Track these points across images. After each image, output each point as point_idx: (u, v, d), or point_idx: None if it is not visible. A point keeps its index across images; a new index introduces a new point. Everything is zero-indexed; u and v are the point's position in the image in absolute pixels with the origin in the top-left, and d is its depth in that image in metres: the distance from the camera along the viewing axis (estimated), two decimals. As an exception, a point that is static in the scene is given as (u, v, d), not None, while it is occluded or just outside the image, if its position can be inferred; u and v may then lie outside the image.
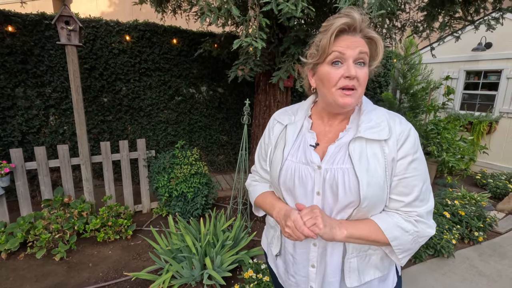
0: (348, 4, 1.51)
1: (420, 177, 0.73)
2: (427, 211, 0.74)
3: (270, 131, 0.93)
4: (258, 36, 1.83)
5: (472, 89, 5.29)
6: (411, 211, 0.74)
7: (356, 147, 0.74)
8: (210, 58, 3.96)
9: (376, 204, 0.74)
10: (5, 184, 2.43)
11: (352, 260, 0.80)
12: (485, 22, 2.77)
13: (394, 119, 0.76)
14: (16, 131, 3.33)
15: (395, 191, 0.74)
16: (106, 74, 3.67)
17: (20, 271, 2.20)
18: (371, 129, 0.74)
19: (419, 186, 0.73)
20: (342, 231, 0.72)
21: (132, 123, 3.99)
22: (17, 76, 3.25)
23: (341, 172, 0.74)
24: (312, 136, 0.84)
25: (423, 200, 0.74)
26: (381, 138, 0.73)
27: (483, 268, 2.41)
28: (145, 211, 3.23)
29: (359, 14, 0.71)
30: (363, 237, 0.73)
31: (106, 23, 3.55)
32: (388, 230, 0.72)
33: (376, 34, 0.74)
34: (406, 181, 0.73)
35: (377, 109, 0.80)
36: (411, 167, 0.72)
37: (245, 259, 2.13)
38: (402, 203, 0.74)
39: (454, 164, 3.47)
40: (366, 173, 0.72)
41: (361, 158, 0.73)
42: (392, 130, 0.74)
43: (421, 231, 0.73)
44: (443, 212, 2.93)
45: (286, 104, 2.94)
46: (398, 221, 0.73)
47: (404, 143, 0.73)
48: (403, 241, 0.73)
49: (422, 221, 0.73)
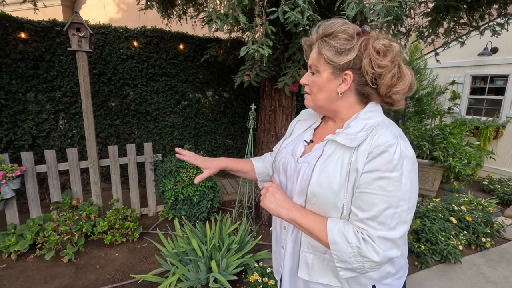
0: (355, 11, 1.54)
1: (385, 198, 0.67)
2: (381, 236, 0.67)
3: (291, 124, 1.06)
4: (265, 43, 1.87)
5: (478, 94, 5.26)
6: (362, 228, 0.69)
7: (330, 149, 0.77)
8: (216, 63, 4.01)
9: (326, 206, 0.75)
10: (15, 186, 2.48)
11: (308, 255, 0.83)
12: (490, 28, 2.77)
13: (377, 131, 0.71)
14: (27, 134, 3.41)
15: (354, 203, 0.72)
16: (114, 79, 3.75)
17: (29, 272, 2.24)
18: (348, 135, 0.74)
19: (379, 207, 0.67)
20: (287, 213, 0.78)
21: (139, 127, 4.05)
22: (29, 81, 3.33)
23: (306, 166, 0.80)
24: (310, 134, 0.92)
25: (383, 224, 0.67)
26: (351, 145, 0.72)
27: (490, 274, 2.38)
28: (151, 214, 3.26)
29: (316, 32, 0.79)
30: (306, 227, 0.76)
31: (115, 30, 3.63)
32: (331, 231, 0.71)
33: (323, 49, 0.76)
34: (365, 196, 0.69)
35: (373, 118, 0.75)
36: (376, 184, 0.67)
37: (251, 262, 2.14)
38: (356, 217, 0.71)
39: (461, 169, 3.44)
40: (322, 172, 0.74)
41: (328, 159, 0.75)
42: (367, 140, 0.70)
43: (364, 250, 0.67)
44: (449, 217, 2.91)
45: (291, 108, 2.97)
46: (346, 230, 0.70)
47: (376, 157, 0.68)
48: (341, 249, 0.70)
49: (369, 243, 0.67)
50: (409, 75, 0.75)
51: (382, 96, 0.78)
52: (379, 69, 0.72)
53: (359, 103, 0.80)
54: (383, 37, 0.73)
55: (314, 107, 0.85)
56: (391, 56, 0.72)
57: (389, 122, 0.76)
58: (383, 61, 0.71)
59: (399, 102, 0.79)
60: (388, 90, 0.75)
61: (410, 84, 0.75)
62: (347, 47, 0.73)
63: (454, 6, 2.40)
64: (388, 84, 0.74)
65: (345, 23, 0.74)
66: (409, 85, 0.75)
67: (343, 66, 0.74)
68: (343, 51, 0.73)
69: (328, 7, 2.53)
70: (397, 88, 0.74)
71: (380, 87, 0.75)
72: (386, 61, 0.72)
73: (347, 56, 0.73)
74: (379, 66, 0.72)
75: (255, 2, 1.83)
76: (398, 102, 0.79)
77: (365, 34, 0.75)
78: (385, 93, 0.76)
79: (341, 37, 0.73)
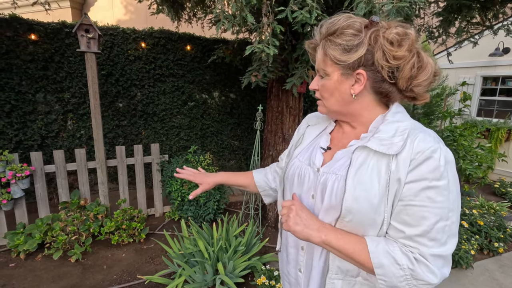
0: (364, 11, 1.51)
1: (436, 210, 0.60)
2: (435, 254, 0.60)
3: (297, 130, 0.95)
4: (271, 42, 1.85)
5: (489, 95, 5.15)
6: (412, 247, 0.61)
7: (360, 157, 0.67)
8: (223, 64, 4.00)
9: (362, 223, 0.65)
10: (25, 186, 2.51)
11: (336, 281, 0.72)
12: (504, 27, 2.70)
13: (416, 135, 0.64)
14: (36, 135, 3.45)
15: (397, 218, 0.63)
16: (122, 80, 3.77)
17: (37, 272, 2.26)
18: (382, 140, 0.65)
19: (430, 221, 0.60)
20: (319, 234, 0.66)
21: (146, 128, 4.07)
22: (38, 82, 3.38)
23: (334, 177, 0.70)
24: (327, 140, 0.82)
25: (435, 240, 0.60)
26: (388, 153, 0.63)
27: (504, 280, 2.31)
28: (158, 215, 3.27)
29: (319, 32, 0.72)
30: (343, 250, 0.65)
31: (123, 31, 3.65)
32: (375, 253, 0.62)
33: (328, 49, 0.69)
34: (412, 210, 0.61)
35: (403, 121, 0.68)
36: (424, 195, 0.60)
37: (258, 265, 2.12)
38: (402, 234, 0.62)
39: (471, 172, 3.36)
40: (357, 185, 0.64)
41: (360, 168, 0.66)
42: (407, 146, 0.63)
43: (418, 272, 0.59)
44: (460, 221, 2.84)
45: (299, 109, 2.94)
46: (393, 250, 0.62)
47: (420, 164, 0.61)
48: (390, 272, 0.61)
49: (423, 263, 0.60)
50: (431, 63, 0.66)
51: (403, 91, 0.69)
52: (395, 61, 0.64)
53: (378, 104, 0.72)
54: (396, 25, 0.65)
55: (328, 112, 0.78)
56: (408, 44, 0.64)
57: (420, 124, 0.70)
58: (398, 51, 0.63)
59: (423, 96, 0.70)
60: (409, 83, 0.67)
61: (434, 72, 0.66)
62: (355, 43, 0.65)
63: (467, 5, 2.35)
64: (408, 76, 0.65)
65: (349, 17, 0.67)
66: (433, 74, 0.67)
67: (353, 65, 0.67)
68: (351, 48, 0.65)
69: (337, 6, 2.50)
70: (418, 79, 0.66)
71: (399, 81, 0.67)
72: (402, 51, 0.63)
73: (356, 53, 0.65)
74: (394, 58, 0.64)
75: (262, 1, 1.82)
76: (422, 96, 0.70)
77: (374, 25, 0.66)
78: (405, 87, 0.67)
79: (347, 33, 0.66)
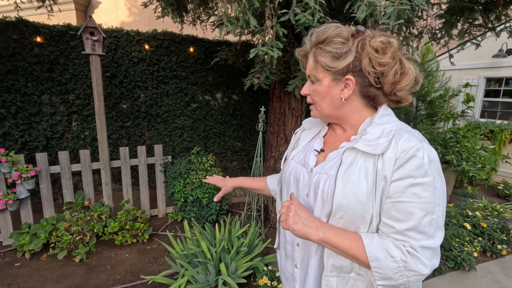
0: (365, 14, 1.53)
1: (422, 205, 0.64)
2: (424, 245, 0.65)
3: (294, 134, 1.01)
4: (275, 45, 1.87)
5: (492, 96, 5.13)
6: (403, 241, 0.66)
7: (349, 157, 0.72)
8: (226, 66, 4.03)
9: (353, 219, 0.70)
10: (30, 186, 2.54)
11: (331, 279, 0.76)
12: (507, 29, 2.70)
13: (400, 135, 0.68)
14: (41, 136, 3.49)
15: (387, 214, 0.67)
16: (125, 82, 3.81)
17: (42, 271, 2.28)
18: (369, 142, 0.70)
19: (417, 215, 0.64)
20: (317, 233, 0.70)
21: (149, 129, 4.10)
22: (44, 84, 3.42)
23: (325, 177, 0.75)
24: (320, 142, 0.87)
25: (423, 233, 0.65)
26: (374, 152, 0.68)
27: (507, 283, 2.30)
28: (161, 215, 3.29)
29: (309, 40, 0.77)
30: (341, 247, 0.68)
31: (127, 33, 3.69)
32: (370, 247, 0.66)
33: (319, 56, 0.74)
34: (400, 206, 0.65)
35: (390, 123, 0.72)
36: (410, 192, 0.65)
37: (260, 266, 2.13)
38: (393, 229, 0.67)
39: (475, 173, 3.35)
40: (346, 182, 0.69)
41: (349, 168, 0.71)
42: (392, 146, 0.67)
43: (411, 263, 0.64)
44: (463, 223, 2.83)
45: (301, 111, 2.95)
46: (386, 244, 0.66)
47: (405, 163, 0.65)
48: (384, 265, 0.65)
49: (414, 254, 0.64)
50: (413, 69, 0.72)
51: (388, 95, 0.74)
52: (381, 67, 0.70)
53: (366, 106, 0.77)
54: (380, 34, 0.71)
55: (321, 116, 0.83)
56: (391, 52, 0.70)
57: (406, 125, 0.74)
58: (383, 58, 0.69)
59: (406, 98, 0.76)
60: (393, 88, 0.72)
61: (415, 78, 0.72)
62: (343, 51, 0.71)
63: (469, 7, 2.35)
64: (391, 82, 0.71)
65: (337, 27, 0.73)
66: (414, 79, 0.72)
67: (342, 71, 0.72)
68: (340, 55, 0.71)
69: (339, 9, 2.51)
70: (401, 84, 0.72)
71: (384, 86, 0.72)
72: (386, 58, 0.69)
73: (345, 60, 0.71)
74: (380, 64, 0.69)
75: (265, 4, 1.84)
76: (405, 99, 0.76)
77: (360, 35, 0.72)
78: (390, 91, 0.73)
79: (336, 41, 0.71)
